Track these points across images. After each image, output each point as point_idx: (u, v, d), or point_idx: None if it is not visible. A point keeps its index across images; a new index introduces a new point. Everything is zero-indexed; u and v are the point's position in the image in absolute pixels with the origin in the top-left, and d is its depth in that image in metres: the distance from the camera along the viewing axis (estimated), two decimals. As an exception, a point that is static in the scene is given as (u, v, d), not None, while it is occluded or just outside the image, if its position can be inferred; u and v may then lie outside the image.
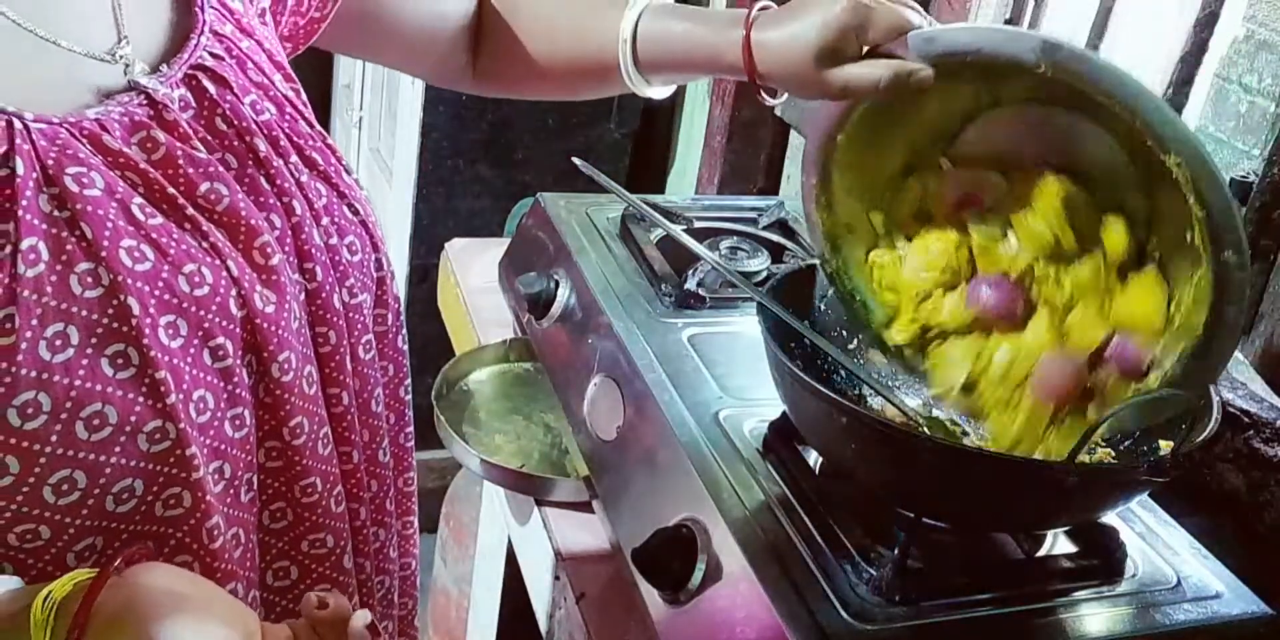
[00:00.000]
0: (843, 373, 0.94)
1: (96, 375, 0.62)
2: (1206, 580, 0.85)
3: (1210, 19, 1.01)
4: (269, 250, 0.69)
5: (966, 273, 0.86)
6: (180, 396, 0.65)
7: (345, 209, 0.77)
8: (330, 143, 0.78)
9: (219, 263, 0.67)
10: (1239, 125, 1.06)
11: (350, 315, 0.78)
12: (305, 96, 0.79)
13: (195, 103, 0.69)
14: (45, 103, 0.63)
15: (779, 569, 0.79)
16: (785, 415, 0.91)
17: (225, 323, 0.68)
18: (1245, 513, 0.96)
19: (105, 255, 0.62)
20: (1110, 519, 0.88)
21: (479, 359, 1.27)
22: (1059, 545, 0.88)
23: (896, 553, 0.79)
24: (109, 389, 0.63)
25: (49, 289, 0.60)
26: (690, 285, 1.13)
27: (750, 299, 0.96)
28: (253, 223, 0.68)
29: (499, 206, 2.30)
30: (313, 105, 0.80)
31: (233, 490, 0.72)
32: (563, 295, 1.16)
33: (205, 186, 0.67)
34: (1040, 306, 0.84)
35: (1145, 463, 0.80)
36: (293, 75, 0.79)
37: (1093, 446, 0.86)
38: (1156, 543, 0.89)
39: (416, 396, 0.95)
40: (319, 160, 0.76)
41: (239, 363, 0.69)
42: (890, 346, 0.91)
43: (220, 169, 0.68)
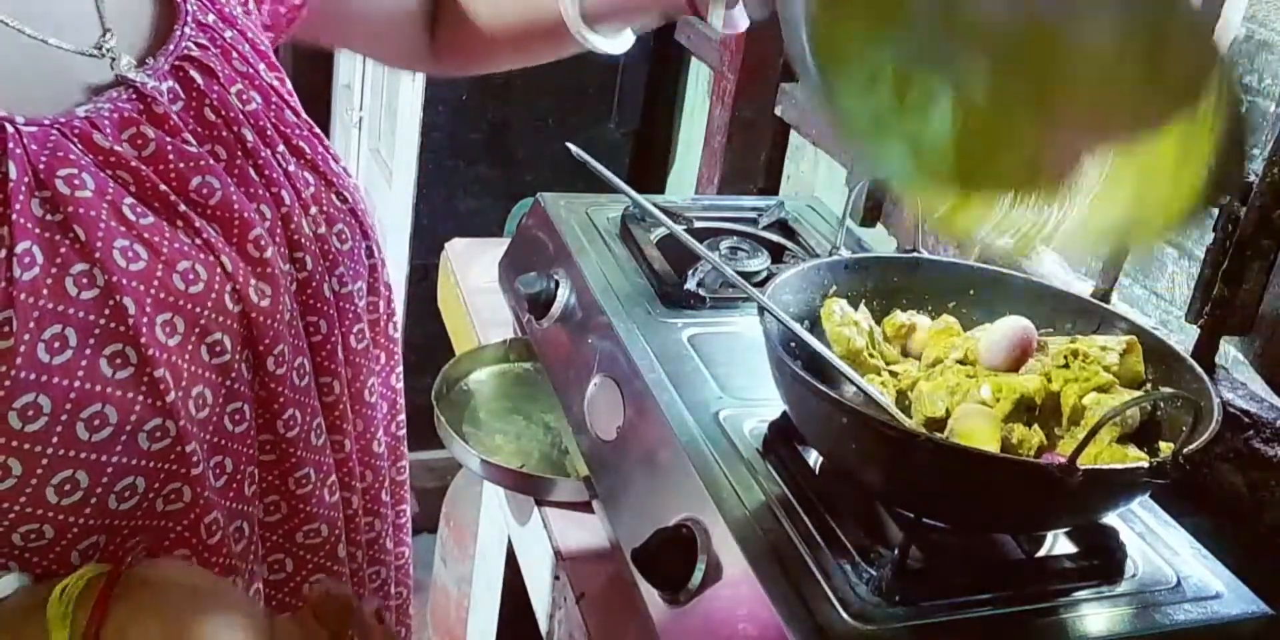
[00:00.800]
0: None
1: (96, 376, 0.62)
2: (1206, 580, 0.85)
3: (1210, 19, 1.01)
4: (262, 243, 0.69)
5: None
6: (180, 394, 0.65)
7: (333, 197, 0.77)
8: (317, 132, 0.78)
9: (213, 259, 0.67)
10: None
11: (341, 304, 0.78)
12: (290, 85, 0.79)
13: (184, 94, 0.69)
14: (37, 102, 0.63)
15: (779, 569, 0.79)
16: (785, 415, 0.91)
17: (221, 318, 0.68)
18: (1245, 513, 0.96)
19: (99, 257, 0.62)
20: (1110, 519, 0.88)
21: (479, 359, 1.27)
22: (1059, 545, 0.88)
23: (896, 553, 0.79)
24: (108, 389, 0.63)
25: (45, 292, 0.60)
26: (690, 285, 1.13)
27: (750, 299, 0.96)
28: (245, 216, 0.69)
29: (499, 206, 2.30)
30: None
31: (235, 484, 0.72)
32: (563, 295, 1.16)
33: (197, 181, 0.67)
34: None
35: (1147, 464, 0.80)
36: (277, 64, 0.79)
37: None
38: (1156, 543, 0.89)
39: (417, 396, 0.95)
40: (306, 149, 0.76)
41: (237, 358, 0.69)
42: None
43: (211, 162, 0.68)
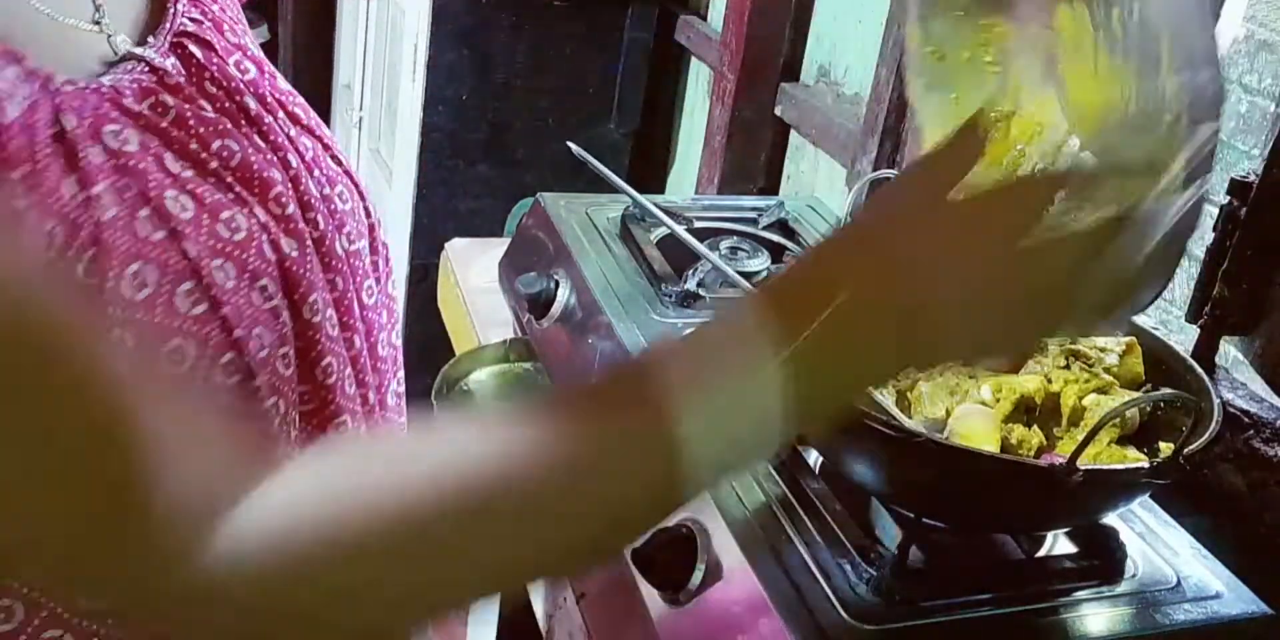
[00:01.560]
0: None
1: (172, 312, 0.64)
2: (1206, 580, 0.85)
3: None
4: (283, 200, 0.71)
5: None
6: (244, 332, 0.68)
7: (330, 160, 0.78)
8: (303, 101, 0.80)
9: (248, 211, 0.69)
10: (1239, 125, 1.06)
11: (351, 261, 0.80)
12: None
13: (184, 69, 0.70)
14: (65, 71, 0.65)
15: (779, 569, 0.79)
16: (785, 415, 0.91)
17: (264, 265, 0.70)
18: (1245, 513, 0.96)
19: (154, 205, 0.64)
20: (1110, 519, 0.88)
21: (479, 359, 1.27)
22: (1059, 545, 0.88)
23: (896, 553, 0.79)
24: (185, 324, 0.65)
25: (120, 231, 0.62)
26: (690, 285, 1.13)
27: (750, 299, 0.96)
28: (265, 175, 0.71)
29: (499, 206, 2.30)
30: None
31: (285, 428, 0.73)
32: (563, 295, 1.16)
33: (218, 144, 0.69)
34: None
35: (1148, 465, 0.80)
36: (255, 40, 0.81)
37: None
38: (1156, 543, 0.89)
39: (417, 397, 0.96)
40: (301, 115, 0.78)
41: (282, 303, 0.72)
42: None
43: (229, 125, 0.70)
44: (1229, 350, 1.05)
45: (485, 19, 2.18)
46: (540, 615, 1.09)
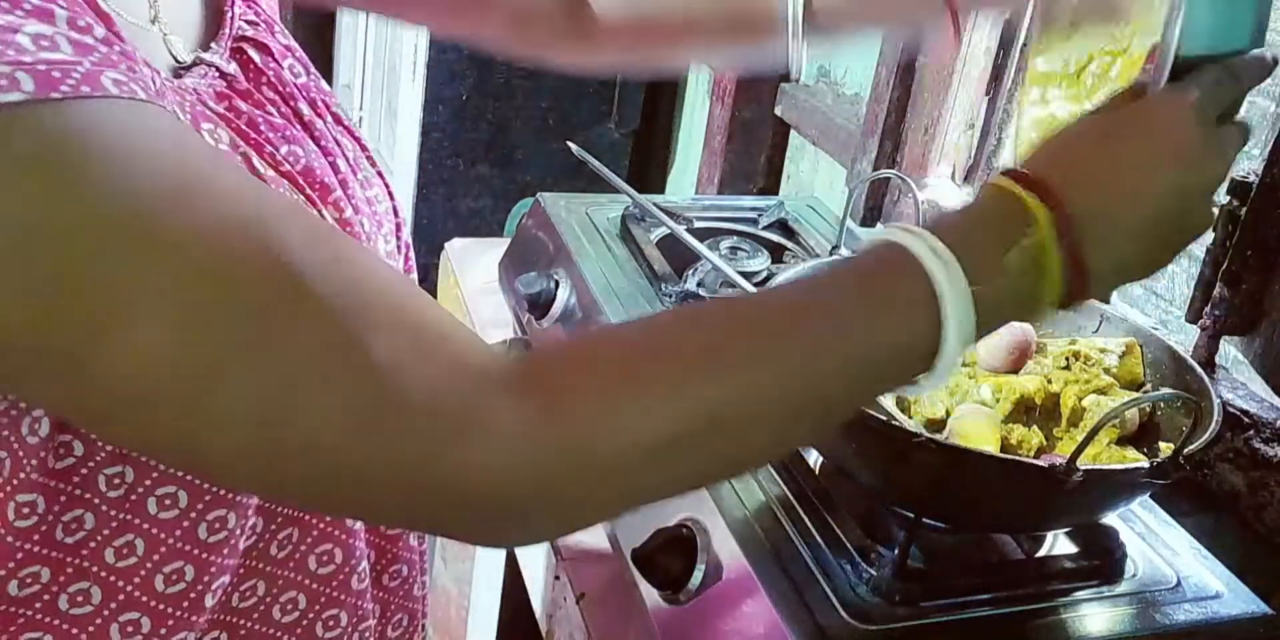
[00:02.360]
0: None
1: None
2: (1206, 580, 0.85)
3: (1210, 19, 1.01)
4: (342, 205, 0.71)
5: None
6: None
7: (366, 161, 0.78)
8: (339, 101, 0.79)
9: (318, 212, 0.68)
10: (1239, 125, 1.06)
11: (389, 262, 0.79)
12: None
13: (244, 74, 0.69)
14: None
15: (779, 569, 0.79)
16: (785, 415, 0.91)
17: None
18: (1245, 513, 0.96)
19: None
20: (1110, 519, 0.88)
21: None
22: (1059, 545, 0.88)
23: (896, 553, 0.79)
24: None
25: None
26: (690, 285, 1.13)
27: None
28: (325, 181, 0.70)
29: (499, 206, 2.30)
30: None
31: None
32: (563, 295, 1.16)
33: (285, 149, 0.68)
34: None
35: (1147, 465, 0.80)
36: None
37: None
38: (1156, 543, 0.89)
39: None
40: (342, 116, 0.77)
41: None
42: None
43: (296, 131, 0.69)
44: (1229, 350, 1.05)
45: (485, 19, 2.18)
46: (540, 615, 1.09)
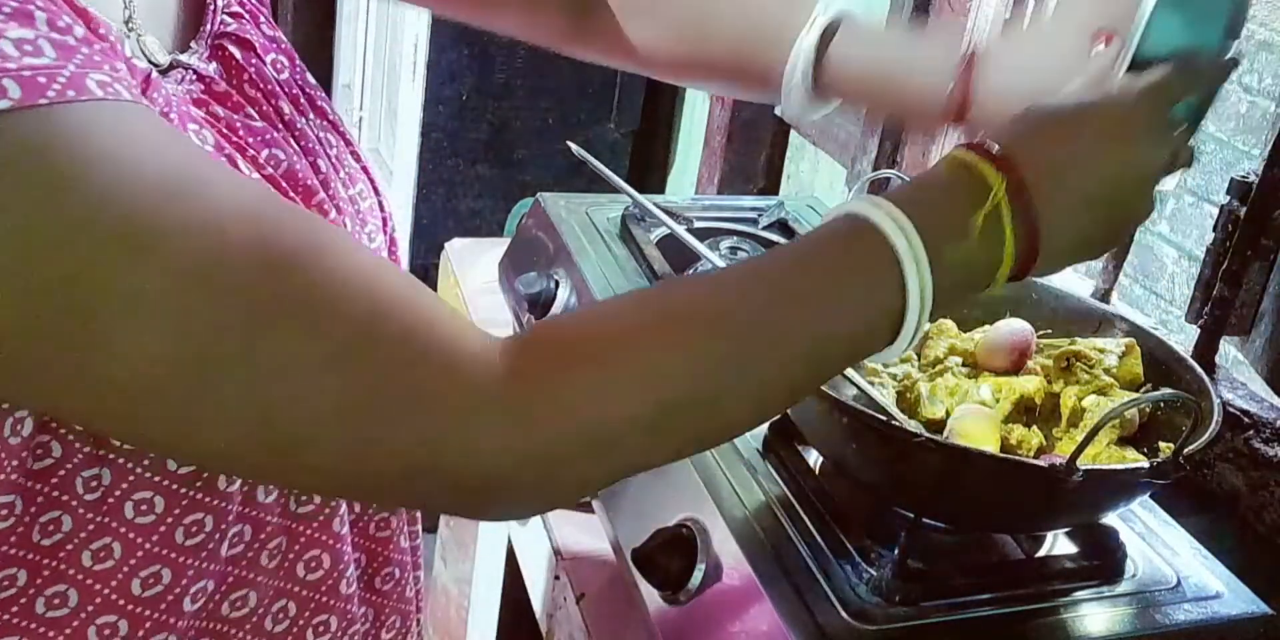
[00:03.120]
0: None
1: None
2: (1206, 580, 0.85)
3: (1210, 19, 1.01)
4: (325, 207, 0.70)
5: None
6: None
7: (350, 157, 0.77)
8: (324, 95, 0.78)
9: (293, 204, 0.68)
10: (1239, 125, 1.06)
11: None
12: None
13: (225, 72, 0.68)
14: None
15: (779, 569, 0.79)
16: (785, 415, 0.91)
17: None
18: (1245, 513, 0.96)
19: None
20: (1110, 519, 0.87)
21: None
22: (1059, 545, 0.88)
23: (896, 553, 0.79)
24: None
25: None
26: (690, 285, 1.12)
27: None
28: (308, 183, 0.69)
29: (499, 206, 2.30)
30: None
31: None
32: (563, 295, 1.16)
33: (266, 153, 0.67)
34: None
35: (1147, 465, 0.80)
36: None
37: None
38: (1156, 543, 0.89)
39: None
40: (327, 110, 0.76)
41: None
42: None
43: (275, 134, 0.68)
44: (1229, 350, 1.05)
45: (485, 19, 2.18)
46: (540, 615, 1.09)
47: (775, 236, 1.30)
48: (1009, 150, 0.58)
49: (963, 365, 0.92)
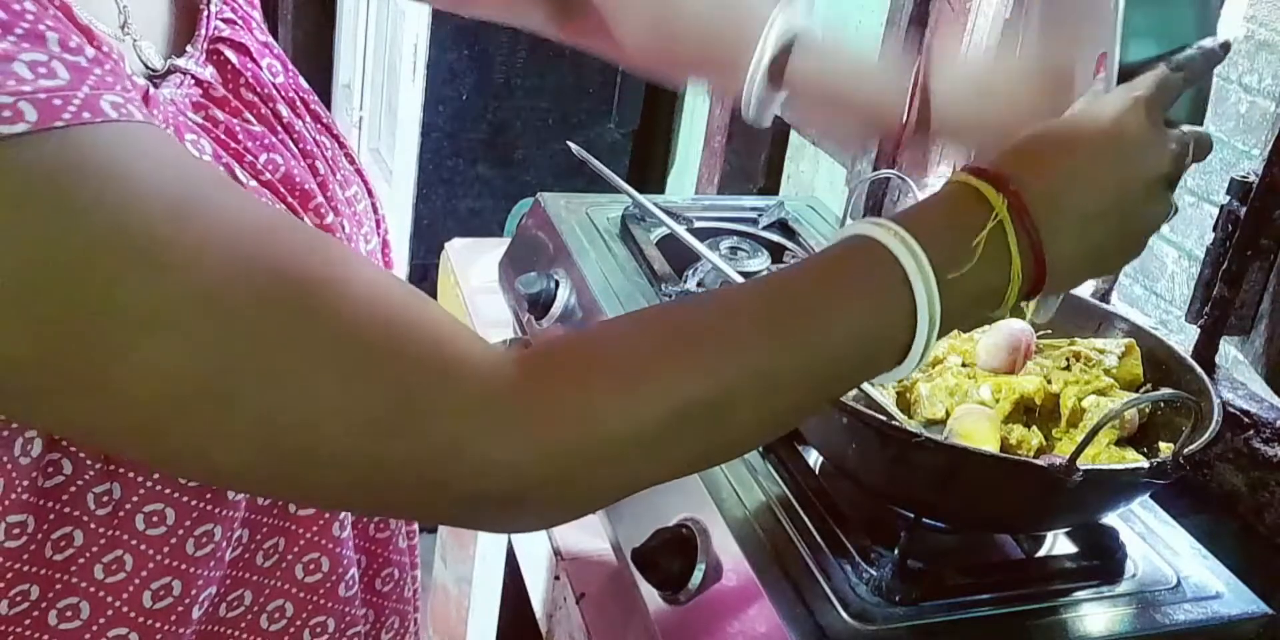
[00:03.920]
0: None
1: None
2: (1206, 580, 0.85)
3: (1210, 19, 1.01)
4: (323, 211, 0.70)
5: None
6: None
7: (344, 159, 0.77)
8: (316, 98, 0.78)
9: (299, 222, 0.68)
10: (1239, 125, 1.06)
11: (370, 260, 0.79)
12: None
13: (221, 77, 0.68)
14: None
15: (779, 569, 0.79)
16: (785, 415, 0.91)
17: None
18: (1245, 513, 0.96)
19: None
20: (1110, 519, 0.88)
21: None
22: (1059, 545, 0.89)
23: (896, 553, 0.79)
24: None
25: None
26: (690, 285, 1.13)
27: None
28: (306, 187, 0.69)
29: (499, 206, 2.30)
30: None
31: None
32: (563, 295, 1.16)
33: (264, 157, 0.67)
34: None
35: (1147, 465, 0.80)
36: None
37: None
38: (1156, 543, 0.89)
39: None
40: (321, 114, 0.76)
41: None
42: None
43: (273, 139, 0.68)
44: (1229, 350, 1.05)
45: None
46: (540, 615, 1.09)
47: (775, 236, 1.30)
48: (1007, 170, 0.58)
49: (962, 365, 0.92)
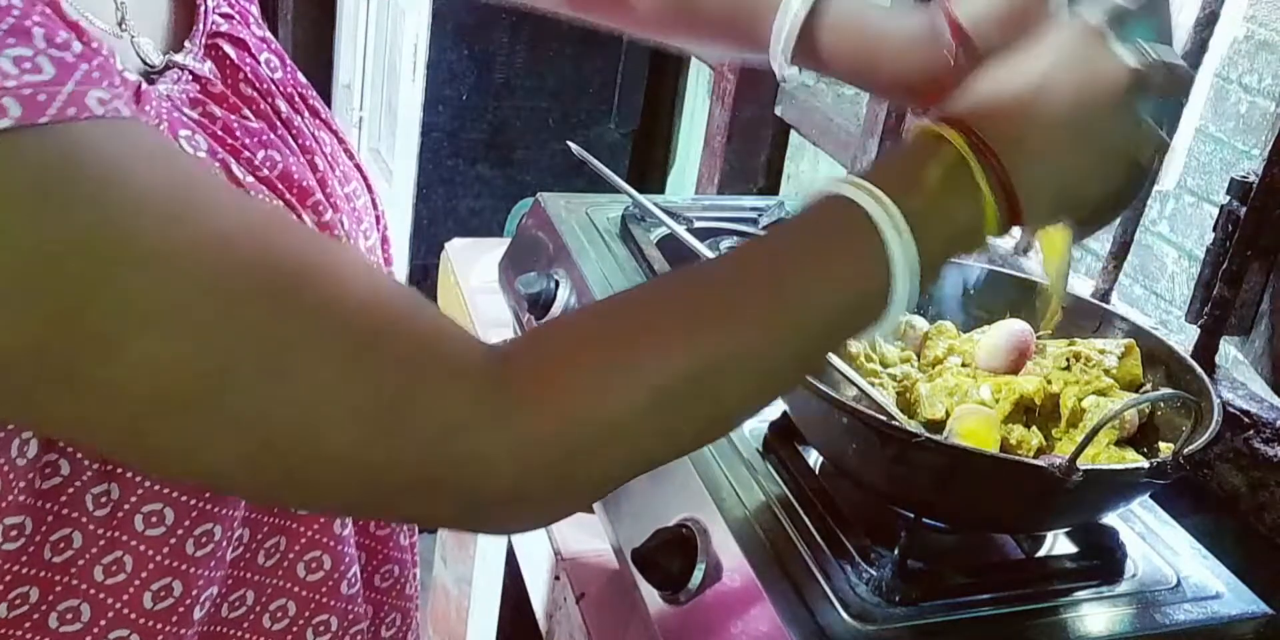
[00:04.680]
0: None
1: None
2: (1206, 580, 0.85)
3: (1210, 19, 1.01)
4: (321, 208, 0.70)
5: None
6: None
7: (344, 155, 0.77)
8: (315, 93, 0.78)
9: (297, 218, 0.68)
10: (1239, 125, 1.06)
11: (369, 256, 0.79)
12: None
13: (220, 72, 0.68)
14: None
15: (779, 569, 0.79)
16: (785, 415, 0.91)
17: None
18: (1245, 513, 0.96)
19: None
20: (1110, 519, 0.88)
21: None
22: (1059, 545, 0.88)
23: (896, 553, 0.79)
24: None
25: None
26: (690, 285, 1.12)
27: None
28: (304, 184, 0.69)
29: (499, 206, 2.30)
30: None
31: None
32: (563, 295, 1.16)
33: (262, 154, 0.67)
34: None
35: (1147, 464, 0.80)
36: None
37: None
38: (1156, 543, 0.89)
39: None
40: (320, 109, 0.76)
41: None
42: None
43: (271, 136, 0.68)
44: (1229, 350, 1.05)
45: (485, 19, 2.18)
46: (540, 615, 1.10)
47: (775, 236, 1.30)
48: (964, 109, 0.58)
49: (962, 365, 0.92)
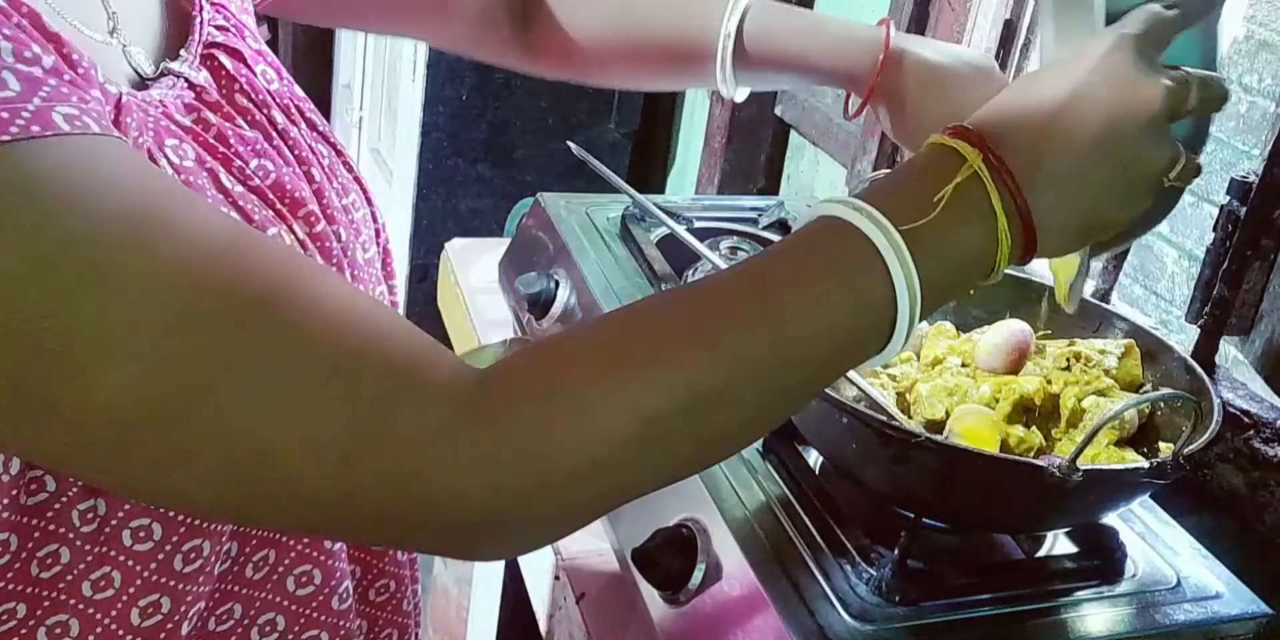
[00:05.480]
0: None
1: None
2: (1206, 580, 0.85)
3: (1210, 19, 1.01)
4: (313, 218, 0.70)
5: None
6: None
7: (342, 167, 0.77)
8: (313, 106, 0.78)
9: (287, 227, 0.67)
10: (1239, 125, 1.06)
11: (368, 270, 0.79)
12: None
13: (215, 82, 0.68)
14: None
15: (779, 569, 0.79)
16: (785, 415, 0.91)
17: None
18: (1245, 513, 0.96)
19: None
20: (1110, 519, 0.88)
21: (479, 359, 1.25)
22: (1059, 545, 0.89)
23: (896, 553, 0.79)
24: None
25: None
26: (690, 285, 1.12)
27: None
28: (297, 195, 0.69)
29: (499, 206, 2.30)
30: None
31: None
32: (563, 295, 1.16)
33: (255, 163, 0.67)
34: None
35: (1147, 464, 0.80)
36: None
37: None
38: (1156, 543, 0.89)
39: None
40: (317, 121, 0.76)
41: None
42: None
43: (266, 145, 0.68)
44: (1229, 350, 1.05)
45: (485, 19, 2.18)
46: (540, 615, 1.09)
47: (775, 236, 1.30)
48: (984, 126, 0.55)
49: (962, 365, 0.92)
